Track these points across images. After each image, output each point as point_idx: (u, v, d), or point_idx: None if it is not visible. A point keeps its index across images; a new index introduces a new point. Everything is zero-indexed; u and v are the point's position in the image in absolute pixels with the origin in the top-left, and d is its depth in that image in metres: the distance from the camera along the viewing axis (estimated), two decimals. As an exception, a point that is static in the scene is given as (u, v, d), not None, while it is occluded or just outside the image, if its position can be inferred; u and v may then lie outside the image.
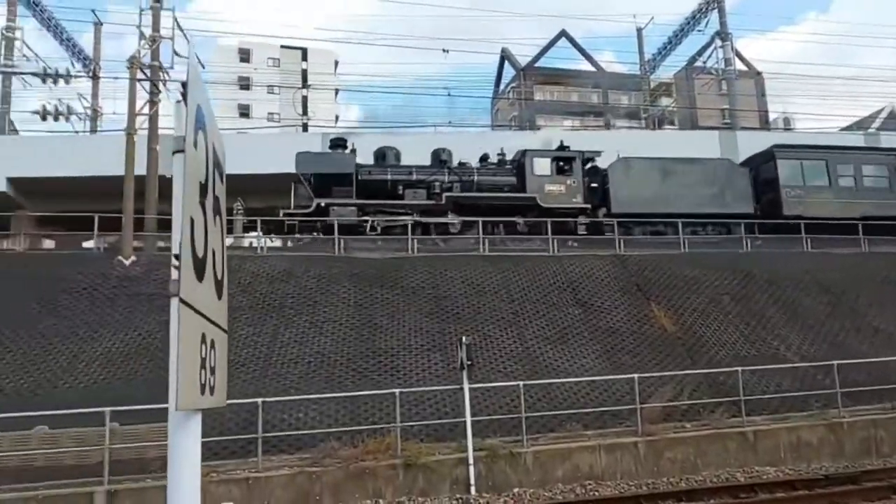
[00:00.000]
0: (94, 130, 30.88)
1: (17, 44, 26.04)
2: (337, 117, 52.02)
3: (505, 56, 59.71)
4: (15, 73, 25.69)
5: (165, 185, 19.80)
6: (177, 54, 18.70)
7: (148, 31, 19.19)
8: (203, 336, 1.53)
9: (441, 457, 11.84)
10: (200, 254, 1.52)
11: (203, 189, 1.57)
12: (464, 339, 12.21)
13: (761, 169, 24.21)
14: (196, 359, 1.48)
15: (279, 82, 48.69)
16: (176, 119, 1.55)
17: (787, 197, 23.20)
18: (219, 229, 1.73)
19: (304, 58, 53.81)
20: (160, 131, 20.23)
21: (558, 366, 15.48)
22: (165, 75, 19.36)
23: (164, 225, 19.84)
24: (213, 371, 1.61)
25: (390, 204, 21.46)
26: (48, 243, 25.01)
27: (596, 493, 11.47)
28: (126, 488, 10.63)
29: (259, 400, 11.63)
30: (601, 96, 58.33)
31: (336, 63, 55.62)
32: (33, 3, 28.29)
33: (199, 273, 1.51)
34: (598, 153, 23.58)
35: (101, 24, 32.59)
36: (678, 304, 18.17)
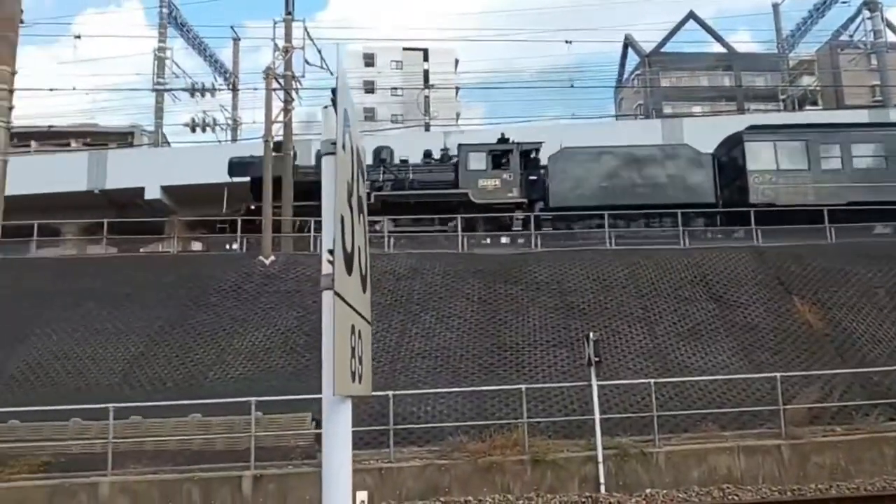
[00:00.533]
0: (234, 139, 33.09)
1: (168, 62, 28.44)
2: (458, 115, 52.64)
3: (628, 43, 57.90)
4: (167, 90, 28.05)
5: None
6: (307, 63, 19.71)
7: (281, 43, 20.36)
8: (352, 327, 1.62)
9: (569, 454, 11.72)
10: (349, 249, 1.61)
11: (350, 188, 1.67)
12: (591, 335, 12.00)
13: (731, 154, 22.21)
14: (347, 348, 1.57)
15: (402, 84, 49.97)
16: (324, 123, 1.64)
17: (754, 183, 21.15)
18: (362, 226, 1.82)
19: (426, 58, 54.87)
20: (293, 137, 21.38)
21: (691, 363, 14.86)
22: (297, 83, 20.44)
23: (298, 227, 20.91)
24: (360, 361, 1.70)
25: (316, 205, 20.54)
26: (196, 245, 27.10)
27: (735, 498, 10.91)
28: (270, 473, 11.33)
29: (390, 393, 12.01)
30: (733, 79, 55.21)
31: (456, 62, 56.28)
32: (180, 24, 30.77)
33: (349, 267, 1.60)
34: (539, 144, 22.21)
35: (239, 39, 34.88)
36: (825, 299, 16.89)
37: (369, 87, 51.23)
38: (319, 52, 19.90)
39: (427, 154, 23.28)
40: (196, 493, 11.06)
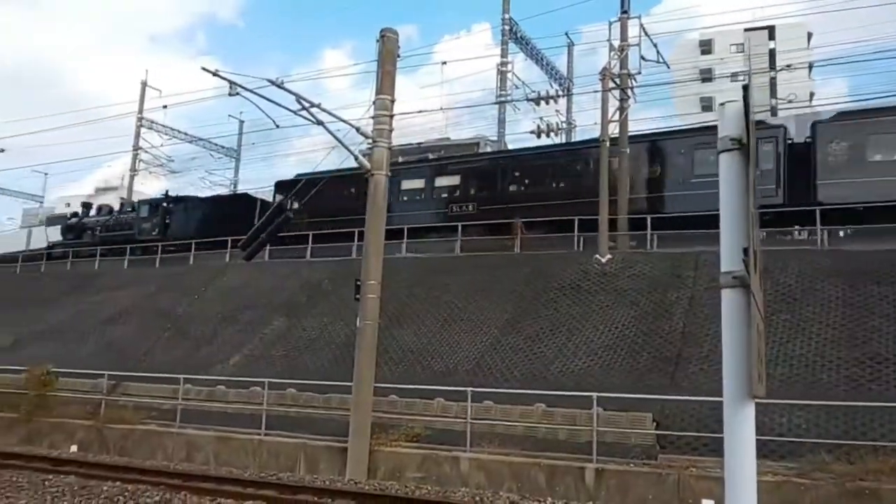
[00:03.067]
0: (569, 142, 34.02)
1: (509, 76, 30.60)
2: (811, 95, 46.88)
3: None
4: (508, 102, 30.19)
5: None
6: (643, 59, 19.37)
7: (616, 43, 20.34)
8: (758, 326, 1.61)
9: (972, 492, 9.69)
10: (755, 248, 1.60)
11: (754, 185, 1.65)
12: None
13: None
14: (755, 348, 1.56)
15: (743, 68, 46.16)
16: (720, 119, 1.65)
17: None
18: (756, 223, 1.79)
19: (772, 37, 49.89)
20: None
21: None
22: (633, 81, 20.24)
23: (633, 225, 20.72)
24: (760, 360, 1.68)
25: (75, 242, 32.67)
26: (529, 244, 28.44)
27: None
28: (611, 469, 11.50)
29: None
30: None
31: (809, 36, 50.16)
32: (520, 38, 32.74)
33: (755, 266, 1.59)
34: (184, 198, 31.18)
35: (574, 44, 35.82)
36: None
37: (706, 77, 48.42)
38: (655, 46, 19.45)
39: (141, 202, 32.86)
40: (542, 477, 11.75)
